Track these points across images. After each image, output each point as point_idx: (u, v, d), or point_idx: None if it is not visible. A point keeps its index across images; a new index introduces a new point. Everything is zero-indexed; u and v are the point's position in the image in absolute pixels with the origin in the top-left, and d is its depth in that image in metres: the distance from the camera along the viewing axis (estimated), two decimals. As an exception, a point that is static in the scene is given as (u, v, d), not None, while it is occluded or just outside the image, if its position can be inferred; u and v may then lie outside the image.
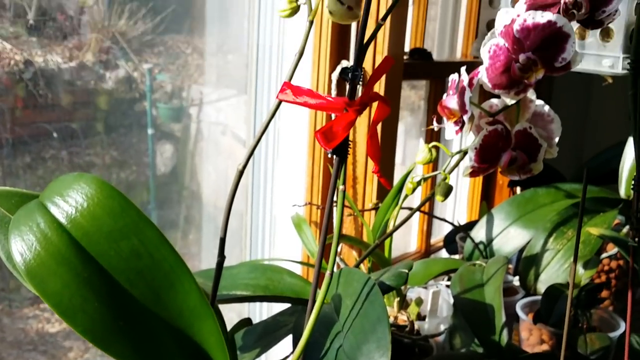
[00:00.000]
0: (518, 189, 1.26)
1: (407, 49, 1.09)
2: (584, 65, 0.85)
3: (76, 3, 1.09)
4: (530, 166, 0.65)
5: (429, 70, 1.07)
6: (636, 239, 0.58)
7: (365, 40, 0.53)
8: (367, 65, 0.88)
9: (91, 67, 1.12)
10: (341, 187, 0.56)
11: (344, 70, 0.51)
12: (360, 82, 0.61)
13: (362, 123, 0.91)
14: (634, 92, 0.56)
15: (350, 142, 0.57)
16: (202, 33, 1.23)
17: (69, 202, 0.54)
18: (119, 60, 1.17)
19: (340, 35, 0.90)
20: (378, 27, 0.53)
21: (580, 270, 0.85)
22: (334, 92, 0.89)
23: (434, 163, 1.16)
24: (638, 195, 0.57)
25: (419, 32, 1.09)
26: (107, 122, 1.15)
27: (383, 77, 0.89)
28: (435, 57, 1.24)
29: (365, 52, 0.54)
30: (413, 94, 1.35)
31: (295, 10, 0.61)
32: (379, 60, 0.87)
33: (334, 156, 0.56)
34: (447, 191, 0.67)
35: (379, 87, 0.89)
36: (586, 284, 0.85)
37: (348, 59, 0.90)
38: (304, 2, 0.60)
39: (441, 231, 1.33)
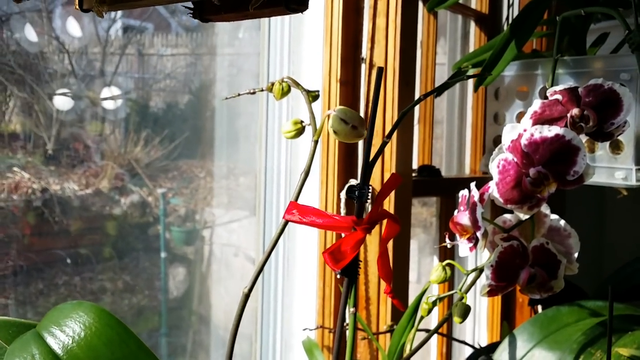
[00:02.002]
0: (539, 308, 1.21)
1: (415, 166, 1.09)
2: (596, 178, 0.84)
3: (95, 132, 1.12)
4: (550, 283, 0.62)
5: (438, 187, 1.07)
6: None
7: (371, 159, 0.52)
8: (376, 183, 0.87)
9: (106, 194, 1.13)
10: (351, 309, 0.53)
11: (350, 188, 0.50)
12: (369, 200, 0.59)
13: (373, 241, 0.89)
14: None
15: (360, 262, 0.54)
16: (214, 157, 1.25)
17: (66, 331, 0.53)
18: (134, 186, 1.18)
19: (347, 153, 0.90)
20: (383, 144, 0.52)
21: (613, 395, 0.79)
22: (343, 211, 0.88)
23: (449, 282, 1.12)
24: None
25: (426, 149, 1.10)
26: (120, 247, 1.15)
27: (393, 195, 0.88)
28: (444, 173, 1.25)
29: (372, 170, 0.53)
30: (425, 211, 1.34)
31: (300, 132, 0.61)
32: (387, 179, 0.86)
33: (343, 277, 0.53)
34: (465, 312, 0.63)
35: (389, 205, 0.87)
36: (622, 411, 0.79)
37: (356, 178, 0.90)
38: (308, 123, 0.60)
39: (462, 354, 1.26)
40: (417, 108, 1.10)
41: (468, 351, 1.13)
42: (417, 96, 1.08)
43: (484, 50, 0.88)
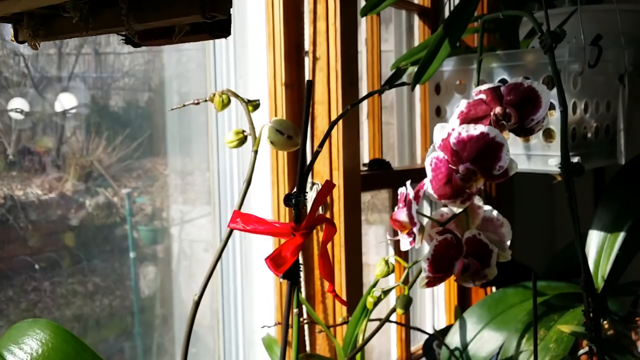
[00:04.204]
0: (494, 289, 1.26)
1: (367, 160, 1.13)
2: (532, 166, 0.88)
3: (56, 135, 1.13)
4: (484, 272, 0.66)
5: (389, 179, 1.10)
6: (593, 334, 0.58)
7: (311, 162, 0.55)
8: (324, 181, 0.90)
9: (71, 197, 1.13)
10: (295, 310, 0.56)
11: (287, 196, 0.53)
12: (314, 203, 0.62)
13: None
14: (569, 194, 0.58)
15: (300, 265, 0.57)
16: (179, 154, 1.26)
17: (24, 349, 0.55)
18: (98, 187, 1.18)
19: (297, 156, 0.93)
20: (316, 154, 0.55)
21: (557, 369, 0.84)
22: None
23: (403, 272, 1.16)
24: (587, 295, 0.58)
25: (376, 143, 1.13)
26: (89, 249, 1.16)
27: (342, 191, 0.91)
28: (397, 164, 1.29)
29: (307, 178, 0.56)
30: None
31: (242, 141, 0.64)
32: (335, 176, 0.90)
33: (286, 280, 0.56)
34: (407, 303, 0.67)
35: (339, 201, 0.91)
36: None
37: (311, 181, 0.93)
38: (249, 133, 0.63)
39: (423, 338, 1.31)
40: (365, 103, 1.14)
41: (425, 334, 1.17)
42: (364, 92, 1.11)
43: (420, 49, 0.91)
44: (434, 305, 1.35)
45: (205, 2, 0.35)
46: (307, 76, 0.91)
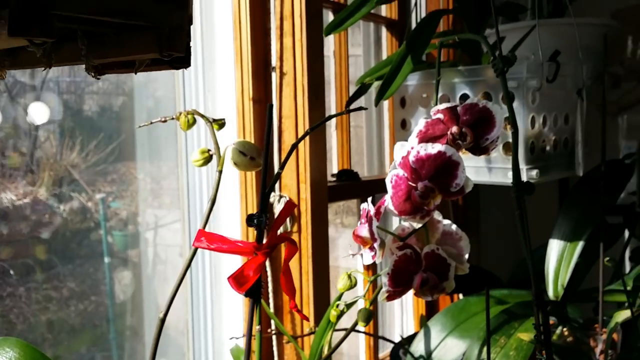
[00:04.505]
0: (461, 296, 1.29)
1: (336, 170, 1.15)
2: (493, 178, 0.91)
3: (30, 140, 1.12)
4: (442, 285, 0.68)
5: (357, 189, 1.12)
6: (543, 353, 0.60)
7: (267, 189, 0.57)
8: (292, 194, 0.92)
9: (45, 202, 1.13)
10: (257, 327, 0.58)
11: (250, 217, 0.55)
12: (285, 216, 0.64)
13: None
14: (520, 212, 0.60)
15: (263, 283, 0.59)
16: (153, 158, 1.26)
17: None
18: (72, 192, 1.18)
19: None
20: (277, 175, 0.57)
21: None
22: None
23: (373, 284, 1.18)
24: (537, 309, 0.61)
25: (344, 154, 1.15)
26: (64, 254, 1.16)
27: (309, 203, 0.93)
28: (367, 174, 1.31)
29: (268, 199, 0.57)
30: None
31: (207, 160, 0.66)
32: (302, 189, 0.92)
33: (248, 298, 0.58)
34: (368, 317, 0.69)
35: (306, 214, 0.93)
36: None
37: (274, 190, 0.95)
38: (214, 152, 0.65)
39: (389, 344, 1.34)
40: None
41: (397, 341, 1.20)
42: (332, 103, 1.13)
43: (385, 64, 0.94)
44: (403, 312, 1.37)
45: (162, 42, 0.36)
46: (275, 91, 0.93)
